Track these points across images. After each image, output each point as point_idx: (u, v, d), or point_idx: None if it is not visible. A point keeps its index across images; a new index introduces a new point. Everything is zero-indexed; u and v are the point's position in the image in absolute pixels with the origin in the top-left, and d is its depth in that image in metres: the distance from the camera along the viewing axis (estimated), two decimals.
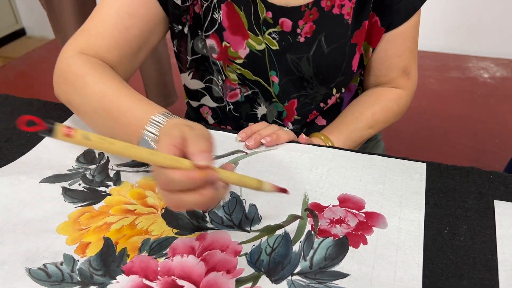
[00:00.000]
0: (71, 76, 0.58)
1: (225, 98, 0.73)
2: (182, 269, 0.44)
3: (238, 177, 0.43)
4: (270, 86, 0.69)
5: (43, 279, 0.43)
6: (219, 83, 0.72)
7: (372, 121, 0.72)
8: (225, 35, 0.65)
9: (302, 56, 0.66)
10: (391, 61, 0.72)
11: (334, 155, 0.59)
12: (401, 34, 0.69)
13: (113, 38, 0.62)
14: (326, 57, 0.66)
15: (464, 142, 1.76)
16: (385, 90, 0.75)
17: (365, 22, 0.66)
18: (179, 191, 0.39)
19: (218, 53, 0.67)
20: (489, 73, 2.24)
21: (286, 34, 0.64)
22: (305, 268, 0.44)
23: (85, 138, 0.32)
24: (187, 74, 0.74)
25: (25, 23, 3.02)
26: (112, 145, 0.34)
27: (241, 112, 0.74)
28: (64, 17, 1.45)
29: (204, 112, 0.79)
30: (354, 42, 0.67)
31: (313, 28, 0.64)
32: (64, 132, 0.30)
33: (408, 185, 0.53)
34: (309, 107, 0.72)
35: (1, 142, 0.63)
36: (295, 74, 0.68)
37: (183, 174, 0.37)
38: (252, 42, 0.65)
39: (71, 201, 0.52)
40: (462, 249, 0.45)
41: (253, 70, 0.67)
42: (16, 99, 0.74)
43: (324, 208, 0.51)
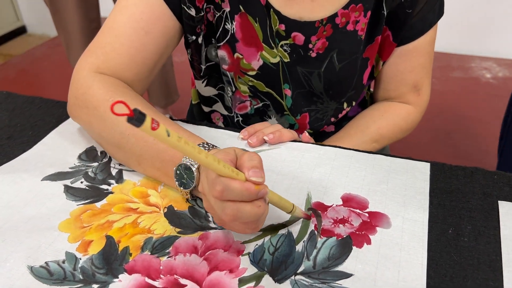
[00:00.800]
0: (93, 100, 0.56)
1: (234, 109, 0.72)
2: (185, 268, 0.44)
3: (278, 198, 0.45)
4: (283, 99, 0.68)
5: (45, 277, 0.43)
6: (229, 94, 0.71)
7: (377, 136, 0.71)
8: (238, 46, 0.64)
9: (313, 71, 0.65)
10: (401, 76, 0.70)
11: (337, 154, 0.58)
12: (414, 50, 0.67)
13: (130, 56, 0.59)
14: (337, 73, 0.65)
15: (467, 143, 1.75)
16: (394, 105, 0.74)
17: (378, 37, 0.65)
18: (237, 201, 0.39)
19: (229, 64, 0.66)
20: (492, 73, 2.24)
21: (297, 47, 0.63)
22: (309, 268, 0.43)
23: (167, 134, 0.32)
24: (201, 81, 0.73)
25: (26, 20, 3.02)
26: (186, 145, 0.34)
27: (249, 124, 0.72)
28: (67, 16, 1.44)
29: (215, 118, 0.78)
30: (366, 56, 0.66)
31: (326, 45, 0.63)
32: (151, 125, 0.30)
33: (412, 185, 0.53)
34: (320, 122, 0.72)
35: (3, 139, 0.63)
36: (305, 88, 0.67)
37: (241, 184, 0.39)
38: (267, 54, 0.64)
39: (73, 199, 0.52)
40: (466, 250, 0.45)
41: (266, 82, 0.66)
42: (17, 97, 0.74)
43: (328, 207, 0.50)
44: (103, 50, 0.59)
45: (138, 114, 0.29)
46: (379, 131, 0.71)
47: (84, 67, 0.59)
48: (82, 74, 0.58)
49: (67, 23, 1.48)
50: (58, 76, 2.33)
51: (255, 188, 0.39)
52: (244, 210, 0.39)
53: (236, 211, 0.39)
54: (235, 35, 0.63)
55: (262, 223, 0.44)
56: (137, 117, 0.29)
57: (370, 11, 0.63)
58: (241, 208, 0.39)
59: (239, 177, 0.39)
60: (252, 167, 0.40)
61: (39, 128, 0.66)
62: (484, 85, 2.15)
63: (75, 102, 0.58)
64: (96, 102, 0.55)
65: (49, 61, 2.55)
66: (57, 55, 2.61)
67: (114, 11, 0.61)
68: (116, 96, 0.55)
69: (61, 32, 1.53)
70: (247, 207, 0.39)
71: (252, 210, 0.40)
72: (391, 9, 0.63)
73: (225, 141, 0.62)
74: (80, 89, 0.57)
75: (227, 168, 0.38)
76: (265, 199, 0.41)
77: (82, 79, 0.58)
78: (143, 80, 0.63)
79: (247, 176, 0.39)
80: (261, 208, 0.40)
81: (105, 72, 0.59)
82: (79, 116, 0.58)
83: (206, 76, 0.72)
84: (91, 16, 1.50)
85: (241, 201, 0.40)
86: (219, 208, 0.40)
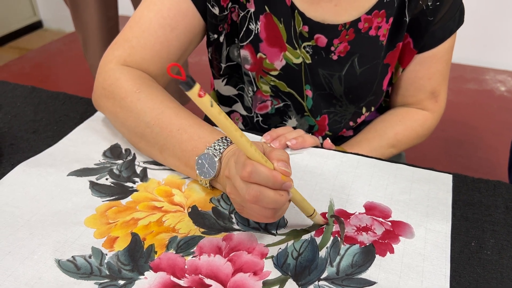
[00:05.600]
0: (120, 91, 0.58)
1: (254, 109, 0.73)
2: (210, 268, 0.44)
3: (301, 198, 0.46)
4: (304, 99, 0.69)
5: (72, 271, 0.43)
6: (249, 94, 0.72)
7: (394, 141, 0.71)
8: (262, 46, 0.65)
9: (334, 74, 0.66)
10: (420, 82, 0.71)
11: (360, 162, 0.59)
12: (433, 57, 0.68)
13: (155, 50, 0.61)
14: (358, 78, 0.66)
15: (479, 155, 1.75)
16: (411, 111, 0.74)
17: (399, 44, 0.66)
18: (262, 186, 0.41)
19: (252, 64, 0.67)
20: (506, 86, 2.23)
21: (319, 49, 0.64)
22: (332, 274, 0.44)
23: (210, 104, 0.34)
24: (221, 80, 0.74)
25: (43, 15, 3.05)
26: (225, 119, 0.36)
27: (270, 124, 0.74)
28: (86, 13, 1.46)
29: (234, 118, 0.79)
30: (387, 62, 0.67)
31: (348, 49, 0.64)
32: (198, 92, 0.33)
33: (435, 196, 0.53)
34: (339, 125, 0.72)
35: (28, 133, 0.64)
36: (326, 90, 0.68)
37: (268, 171, 0.40)
38: (290, 55, 0.65)
39: (98, 195, 0.53)
40: (489, 263, 0.45)
41: (288, 82, 0.67)
42: (42, 92, 0.75)
43: (350, 215, 0.51)
44: (129, 44, 0.61)
45: (189, 79, 0.32)
46: (397, 136, 0.72)
47: (111, 60, 0.61)
48: (109, 66, 0.60)
49: (85, 21, 1.50)
50: (73, 72, 2.35)
51: (281, 178, 0.41)
52: (267, 194, 0.41)
53: (259, 192, 0.41)
54: (259, 35, 0.64)
55: (280, 215, 0.45)
56: (188, 82, 0.32)
57: (392, 18, 0.63)
58: (264, 191, 0.41)
59: (268, 164, 0.41)
60: (281, 160, 0.42)
61: (64, 123, 0.67)
62: (498, 98, 2.14)
63: (102, 93, 0.60)
64: (124, 93, 0.57)
65: (64, 56, 2.57)
66: (72, 50, 2.63)
67: (142, 6, 0.63)
68: (142, 88, 0.58)
69: (79, 29, 1.55)
70: (271, 192, 0.41)
71: (274, 196, 0.41)
72: (412, 16, 0.64)
73: None
74: (107, 80, 0.59)
75: (258, 153, 0.40)
76: (288, 192, 0.43)
77: (109, 71, 0.60)
78: (165, 75, 0.65)
79: (275, 166, 0.41)
80: (283, 197, 0.42)
81: (131, 65, 0.61)
82: (105, 106, 0.60)
83: (226, 75, 0.73)
84: (109, 14, 1.52)
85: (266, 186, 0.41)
86: (243, 188, 0.42)
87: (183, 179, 0.56)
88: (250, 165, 0.40)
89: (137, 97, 0.57)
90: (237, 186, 0.43)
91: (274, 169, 0.41)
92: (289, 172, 0.42)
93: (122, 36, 0.63)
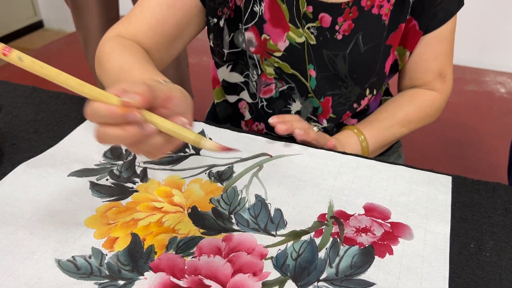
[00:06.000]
0: (101, 53, 0.64)
1: (259, 94, 0.74)
2: (209, 269, 0.44)
3: (172, 126, 0.40)
4: (307, 80, 0.70)
5: (72, 271, 0.44)
6: (254, 78, 0.73)
7: (405, 121, 0.73)
8: (266, 27, 0.66)
9: (338, 54, 0.67)
10: (427, 64, 0.73)
11: (359, 163, 0.59)
12: (437, 38, 0.70)
13: (149, 25, 0.66)
14: (362, 56, 0.67)
15: (479, 156, 1.75)
16: (420, 91, 0.76)
17: (402, 25, 0.67)
18: (105, 124, 0.38)
19: (256, 46, 0.68)
20: (506, 88, 2.23)
21: (324, 30, 0.66)
22: (331, 275, 0.44)
23: (19, 59, 0.36)
24: (226, 67, 0.75)
25: (44, 15, 3.06)
26: (42, 69, 0.36)
27: (274, 108, 0.74)
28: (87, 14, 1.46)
29: (242, 107, 0.79)
30: (389, 44, 0.68)
31: (352, 27, 0.65)
32: (1, 51, 0.35)
33: (434, 198, 0.53)
34: (343, 107, 0.73)
35: (29, 133, 0.64)
36: (330, 71, 0.69)
37: (104, 106, 0.37)
38: (292, 34, 0.66)
39: (98, 196, 0.53)
40: (488, 265, 0.45)
41: (292, 63, 0.69)
42: (43, 92, 0.75)
43: (350, 216, 0.51)
44: (128, 19, 0.69)
45: None
46: (407, 116, 0.74)
47: (109, 32, 0.68)
48: (104, 37, 0.67)
49: (87, 21, 1.50)
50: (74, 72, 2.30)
51: (120, 110, 0.36)
52: (108, 133, 0.37)
53: (102, 133, 0.38)
54: (263, 17, 0.66)
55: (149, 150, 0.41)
56: None
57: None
58: (106, 131, 0.37)
59: (109, 101, 0.37)
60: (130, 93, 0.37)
61: (64, 123, 0.67)
62: (498, 99, 2.14)
63: (96, 61, 0.67)
64: (102, 54, 0.64)
65: (65, 57, 2.58)
66: (73, 51, 2.63)
67: None
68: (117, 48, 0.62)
69: (80, 30, 1.55)
70: (112, 130, 0.37)
71: (117, 133, 0.37)
72: None
73: (247, 145, 0.62)
74: (98, 47, 0.67)
75: (94, 91, 0.37)
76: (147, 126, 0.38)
77: (103, 40, 0.67)
78: (162, 50, 0.69)
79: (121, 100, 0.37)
80: (127, 132, 0.37)
81: (125, 36, 0.67)
82: (97, 73, 0.66)
83: (230, 61, 0.74)
84: (111, 16, 1.52)
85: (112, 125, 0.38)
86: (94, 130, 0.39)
87: (183, 179, 0.56)
88: (88, 107, 0.37)
89: (109, 57, 0.62)
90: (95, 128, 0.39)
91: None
92: (130, 102, 0.37)
93: (125, 16, 0.70)
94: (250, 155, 0.60)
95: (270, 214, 0.51)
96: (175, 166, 0.58)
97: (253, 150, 0.61)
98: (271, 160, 0.60)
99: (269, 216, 0.51)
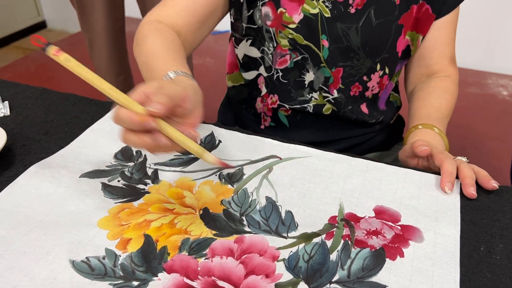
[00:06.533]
0: (139, 36, 0.69)
1: (274, 65, 0.76)
2: (222, 270, 0.45)
3: (179, 136, 0.44)
4: (320, 50, 0.72)
5: (86, 271, 0.44)
6: (270, 51, 0.76)
7: (447, 111, 0.75)
8: (282, 1, 0.70)
9: (351, 26, 0.70)
10: (441, 49, 0.76)
11: (369, 166, 0.59)
12: (448, 23, 0.74)
13: (183, 6, 0.71)
14: (374, 29, 0.70)
15: (481, 159, 1.75)
16: (443, 79, 0.78)
17: (413, 6, 0.71)
18: (127, 129, 0.43)
19: (272, 20, 0.71)
20: (509, 90, 2.23)
21: (338, 3, 0.69)
22: (343, 277, 0.44)
23: (66, 60, 0.42)
24: (245, 41, 0.78)
25: (47, 16, 3.06)
26: (86, 73, 0.43)
27: (289, 78, 0.77)
28: (93, 15, 1.47)
29: (260, 82, 0.81)
30: (401, 23, 0.71)
31: (364, 1, 0.69)
32: (53, 52, 0.42)
33: (443, 201, 0.54)
34: (352, 78, 0.75)
35: (40, 134, 0.65)
36: (343, 43, 0.71)
37: (126, 113, 0.41)
38: (307, 6, 0.70)
39: (110, 197, 0.54)
40: (499, 268, 0.46)
41: (305, 34, 0.71)
42: (53, 93, 0.76)
43: (360, 219, 0.51)
44: (164, 3, 0.74)
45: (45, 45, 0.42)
46: (448, 105, 0.76)
47: (148, 17, 0.73)
48: (143, 22, 0.72)
49: (92, 22, 1.50)
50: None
51: (138, 118, 0.41)
52: (127, 138, 0.43)
53: (122, 136, 0.43)
54: None
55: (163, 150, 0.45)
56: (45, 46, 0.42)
57: None
58: (126, 136, 0.43)
59: (134, 108, 0.42)
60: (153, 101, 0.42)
61: (75, 125, 0.67)
62: (500, 102, 2.15)
63: (134, 42, 0.70)
64: (140, 37, 0.68)
65: None
66: (76, 51, 2.63)
67: None
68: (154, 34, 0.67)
69: (85, 30, 1.56)
70: (130, 136, 0.43)
71: (133, 139, 0.43)
72: None
73: (256, 148, 0.63)
74: (137, 31, 0.71)
75: (122, 97, 0.42)
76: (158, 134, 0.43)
77: (141, 25, 0.71)
78: (194, 31, 0.73)
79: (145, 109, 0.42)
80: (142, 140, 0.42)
81: (161, 19, 0.71)
82: (136, 54, 0.69)
83: (249, 36, 0.78)
84: (117, 16, 1.52)
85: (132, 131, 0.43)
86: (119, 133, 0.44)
87: (193, 181, 0.57)
88: (113, 111, 0.42)
89: (144, 40, 0.66)
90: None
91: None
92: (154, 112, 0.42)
93: (160, 2, 0.74)
94: (259, 157, 0.61)
95: (281, 216, 0.51)
96: (186, 168, 0.59)
97: (262, 152, 0.62)
98: (280, 162, 0.60)
99: (280, 218, 0.51)
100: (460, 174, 0.57)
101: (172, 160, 0.60)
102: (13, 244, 0.47)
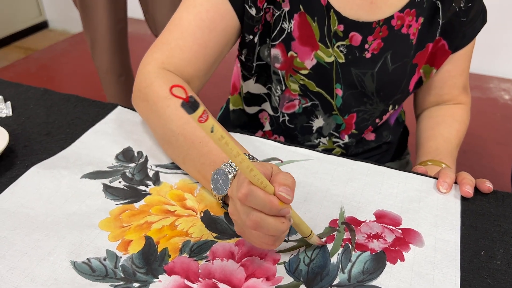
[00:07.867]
0: (153, 95, 0.59)
1: (281, 109, 0.74)
2: (223, 272, 0.45)
3: (299, 220, 0.44)
4: (333, 98, 0.70)
5: (87, 272, 0.44)
6: (277, 93, 0.73)
7: (457, 139, 0.74)
8: (294, 45, 0.66)
9: (366, 72, 0.67)
10: (453, 80, 0.74)
11: (370, 170, 0.59)
12: (464, 55, 0.71)
13: (193, 51, 0.63)
14: (390, 75, 0.67)
15: (483, 163, 1.75)
16: (453, 108, 0.77)
17: (429, 44, 0.68)
18: (260, 211, 0.40)
19: (282, 62, 0.68)
20: (510, 95, 2.23)
21: (353, 48, 0.66)
22: (344, 281, 0.44)
23: (211, 131, 0.33)
24: (252, 79, 0.75)
25: (49, 15, 3.07)
26: (225, 145, 0.35)
27: (296, 124, 0.75)
28: (96, 15, 1.47)
29: (263, 117, 0.80)
30: (415, 62, 0.68)
31: (381, 46, 0.66)
32: (199, 118, 0.32)
33: (444, 205, 0.54)
34: (366, 123, 0.73)
35: (41, 135, 0.65)
36: (357, 89, 0.69)
37: (265, 194, 0.39)
38: (321, 53, 0.66)
39: (112, 198, 0.54)
40: (499, 273, 0.46)
41: (318, 81, 0.68)
42: (54, 94, 0.76)
43: (361, 222, 0.51)
44: (168, 46, 0.63)
45: (193, 101, 0.31)
46: (458, 134, 0.75)
47: (150, 62, 0.62)
48: (147, 69, 0.62)
49: (95, 22, 1.51)
50: (78, 73, 2.36)
51: (279, 204, 0.39)
52: (267, 221, 0.40)
53: (259, 218, 0.39)
54: (291, 34, 0.66)
55: (280, 242, 0.43)
56: (191, 104, 0.31)
57: (422, 18, 0.66)
58: (265, 218, 0.40)
59: (267, 189, 0.39)
60: (283, 184, 0.40)
61: (76, 126, 0.67)
62: (501, 106, 2.15)
63: (138, 95, 0.62)
64: (156, 98, 0.58)
65: (69, 57, 2.59)
66: (77, 51, 2.64)
67: (181, 9, 0.64)
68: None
69: (87, 30, 1.56)
70: (271, 219, 0.40)
71: (275, 224, 0.40)
72: (446, 19, 0.66)
73: (257, 149, 0.63)
74: (143, 83, 0.61)
75: (257, 178, 0.38)
76: (289, 219, 0.42)
77: (146, 74, 0.61)
78: (201, 77, 0.66)
79: (276, 190, 0.39)
80: (284, 225, 0.40)
81: (168, 67, 0.62)
82: (140, 108, 0.62)
83: (256, 74, 0.74)
84: (119, 17, 1.53)
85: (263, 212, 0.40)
86: (244, 212, 0.41)
87: (195, 183, 0.57)
88: (246, 188, 0.39)
89: (167, 103, 0.57)
90: (239, 209, 0.42)
91: (274, 194, 0.39)
92: (288, 199, 0.39)
93: (161, 39, 0.64)
94: (260, 159, 0.61)
95: None
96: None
97: (263, 154, 0.62)
98: (281, 165, 0.60)
99: None
100: (458, 177, 0.57)
101: (174, 163, 0.60)
102: (14, 244, 0.47)
